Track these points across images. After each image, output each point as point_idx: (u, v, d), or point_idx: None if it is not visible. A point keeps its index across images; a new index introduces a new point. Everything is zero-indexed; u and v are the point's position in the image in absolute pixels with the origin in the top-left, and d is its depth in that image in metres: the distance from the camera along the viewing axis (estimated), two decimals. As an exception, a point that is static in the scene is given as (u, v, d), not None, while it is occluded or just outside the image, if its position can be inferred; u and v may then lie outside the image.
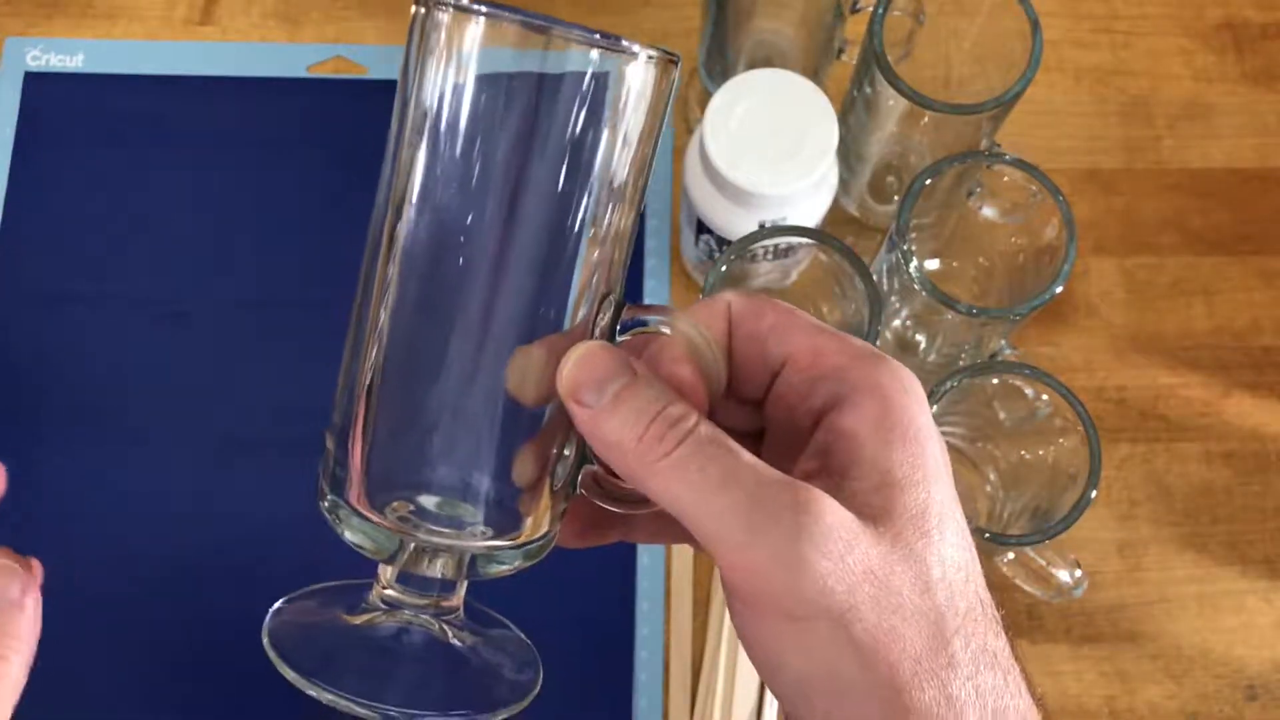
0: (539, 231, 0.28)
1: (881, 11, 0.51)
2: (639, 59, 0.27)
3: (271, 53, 0.65)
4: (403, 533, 0.29)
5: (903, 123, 0.54)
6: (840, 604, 0.26)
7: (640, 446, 0.28)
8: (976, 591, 0.28)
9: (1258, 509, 0.59)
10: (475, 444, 0.29)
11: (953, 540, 0.28)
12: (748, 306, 0.31)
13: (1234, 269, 0.63)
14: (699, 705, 0.55)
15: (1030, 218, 0.51)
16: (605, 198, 0.28)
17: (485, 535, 0.30)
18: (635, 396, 0.28)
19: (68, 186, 0.63)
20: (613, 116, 0.28)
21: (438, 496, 0.30)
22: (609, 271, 0.29)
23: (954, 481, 0.30)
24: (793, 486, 0.27)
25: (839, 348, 0.30)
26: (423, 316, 0.29)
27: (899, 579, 0.27)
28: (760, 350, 0.31)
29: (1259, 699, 0.56)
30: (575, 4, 0.66)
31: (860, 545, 0.26)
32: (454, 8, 0.27)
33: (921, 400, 0.29)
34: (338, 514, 0.30)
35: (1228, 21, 0.67)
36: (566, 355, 0.29)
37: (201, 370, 0.60)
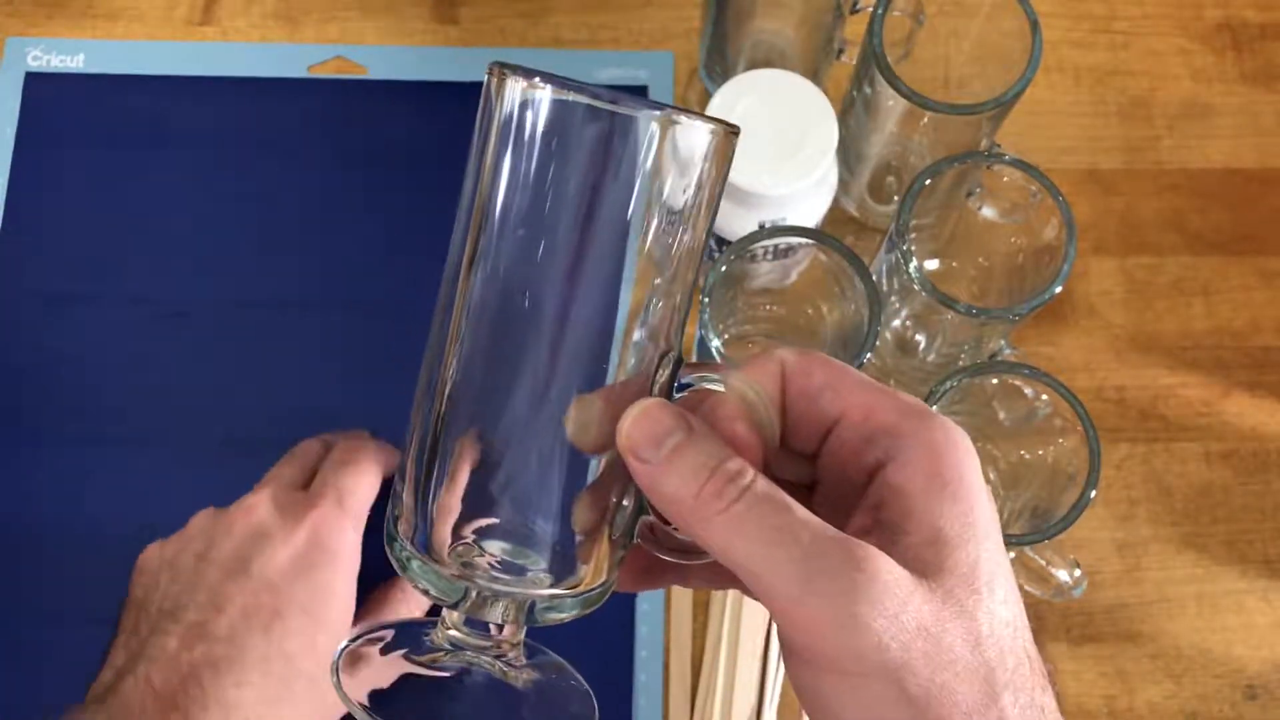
0: (599, 289, 0.29)
1: (881, 12, 0.51)
2: (701, 128, 0.29)
3: (271, 53, 0.66)
4: (466, 579, 0.30)
5: (902, 123, 0.54)
6: (895, 660, 0.27)
7: (697, 501, 0.28)
8: (1025, 647, 0.29)
9: (1257, 509, 0.59)
10: (537, 491, 0.31)
11: (1002, 597, 0.28)
12: (800, 364, 0.32)
13: (1233, 269, 0.63)
14: (699, 705, 0.55)
15: (1030, 218, 0.51)
16: (663, 259, 0.30)
17: (546, 582, 0.31)
18: (692, 452, 0.29)
19: (68, 186, 0.63)
20: (673, 183, 0.29)
21: (501, 542, 0.31)
22: (668, 330, 0.31)
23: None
24: (848, 543, 0.27)
25: (890, 405, 0.30)
26: (489, 367, 0.30)
27: (951, 635, 0.27)
28: (813, 407, 0.31)
29: (1258, 699, 0.57)
30: (575, 6, 0.66)
31: (914, 602, 0.27)
32: (525, 79, 0.28)
33: (971, 456, 0.30)
34: (405, 559, 0.31)
35: (1227, 22, 0.67)
36: (626, 412, 0.30)
37: (201, 370, 0.60)
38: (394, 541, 0.32)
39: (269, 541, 0.46)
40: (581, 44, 0.66)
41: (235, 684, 0.43)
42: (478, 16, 0.66)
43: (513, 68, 0.29)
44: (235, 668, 0.43)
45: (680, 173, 0.29)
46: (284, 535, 0.46)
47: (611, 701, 0.55)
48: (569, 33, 0.66)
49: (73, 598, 0.56)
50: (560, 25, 0.66)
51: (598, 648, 0.56)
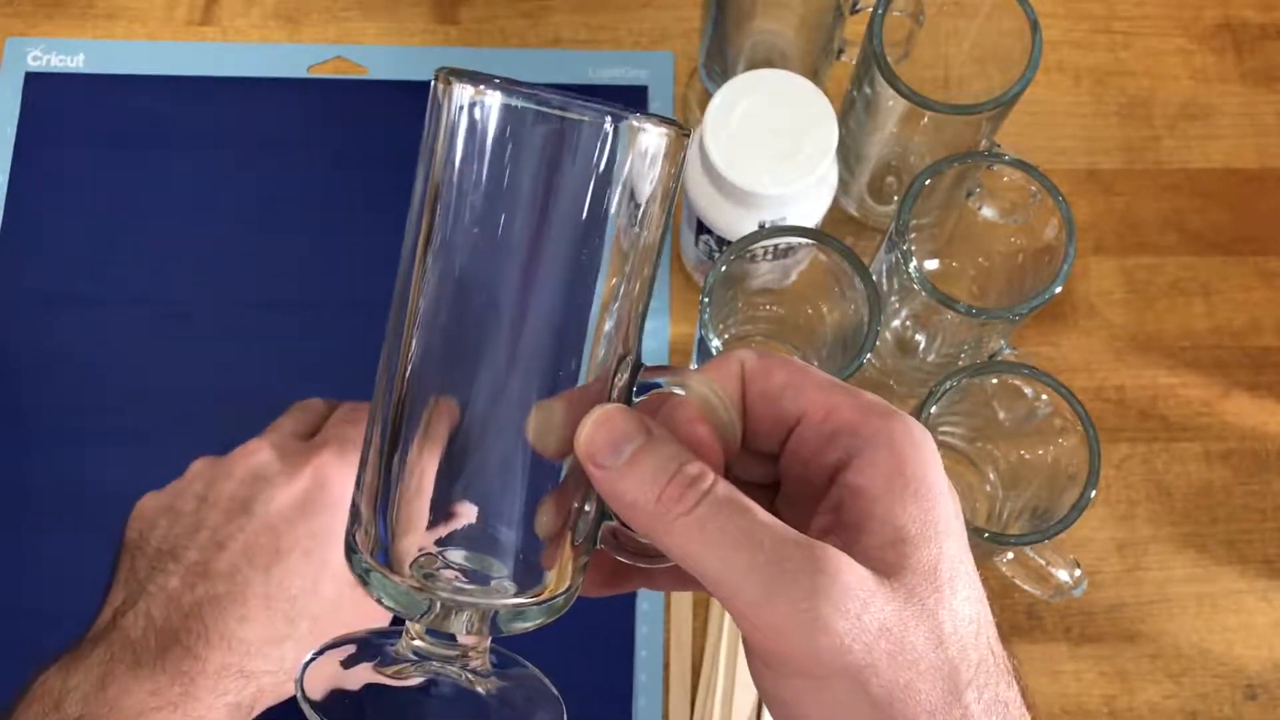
0: (554, 293, 0.29)
1: (881, 12, 0.51)
2: (652, 131, 0.28)
3: (272, 53, 0.66)
4: (428, 591, 0.30)
5: (902, 123, 0.54)
6: (858, 661, 0.27)
7: (658, 506, 0.28)
8: (989, 643, 0.29)
9: (1257, 509, 0.59)
10: (499, 498, 0.30)
11: (964, 594, 0.28)
12: (760, 365, 0.31)
13: (1233, 269, 0.63)
14: (699, 705, 0.55)
15: (1030, 218, 0.51)
16: (618, 262, 0.29)
17: (509, 591, 0.31)
18: (652, 456, 0.29)
19: (68, 186, 0.63)
20: (626, 185, 0.29)
21: (463, 551, 0.30)
22: (626, 333, 0.30)
23: (954, 484, 0.30)
24: (809, 545, 0.27)
25: (851, 404, 0.30)
26: (445, 376, 0.30)
27: (913, 634, 0.27)
28: (774, 407, 0.31)
29: (1258, 699, 0.57)
30: (575, 6, 0.66)
31: (876, 602, 0.27)
32: (472, 85, 0.28)
33: (933, 455, 0.30)
34: (364, 573, 0.31)
35: (1227, 22, 0.67)
36: (584, 419, 0.29)
37: (202, 370, 0.60)
38: (353, 554, 0.31)
39: (270, 484, 0.45)
40: (581, 44, 0.66)
41: (239, 619, 0.42)
42: (478, 17, 0.66)
43: (459, 73, 0.28)
44: (238, 604, 0.42)
45: (633, 176, 0.29)
46: (285, 479, 0.45)
47: (611, 701, 0.55)
48: (569, 33, 0.66)
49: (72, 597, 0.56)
50: (560, 25, 0.66)
51: (598, 648, 0.56)
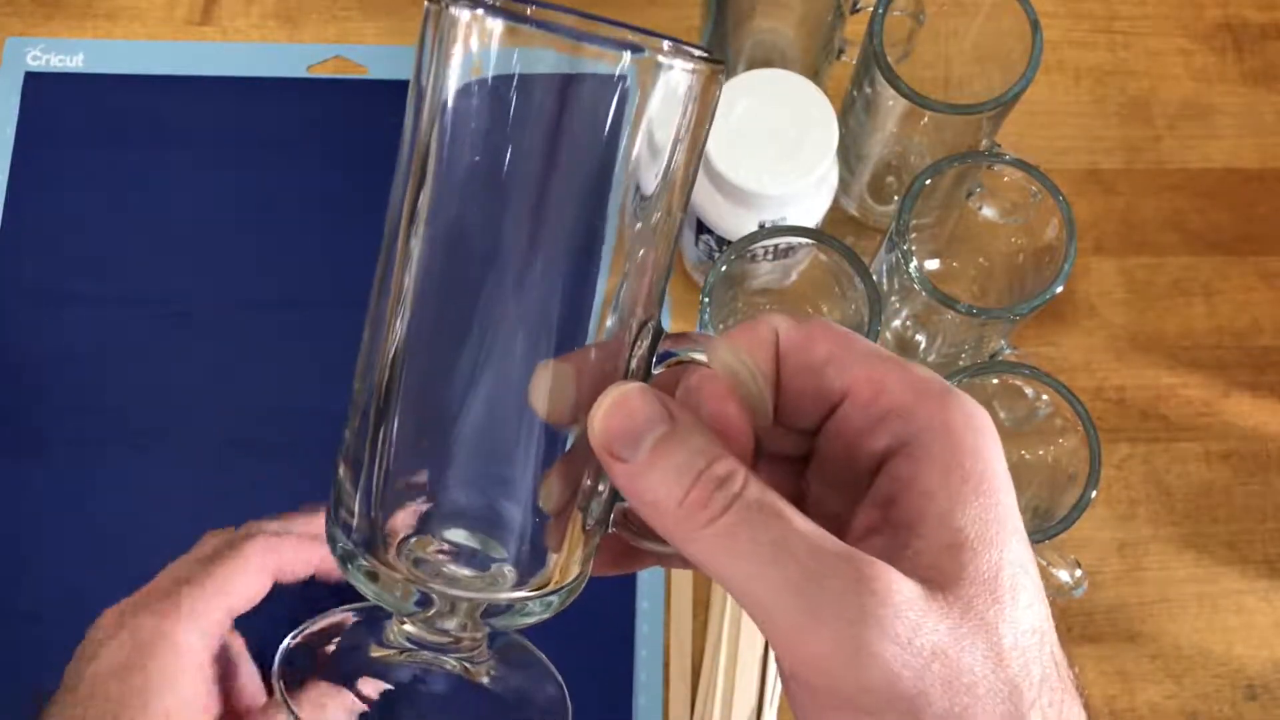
0: (558, 246, 0.26)
1: (881, 11, 0.51)
2: (678, 68, 0.25)
3: (271, 53, 0.65)
4: (419, 583, 0.27)
5: (903, 123, 0.54)
6: (909, 690, 0.24)
7: (682, 511, 0.25)
8: (1052, 654, 0.26)
9: (1258, 509, 0.59)
10: (507, 468, 0.27)
11: (1026, 601, 0.26)
12: (798, 333, 0.28)
13: (1234, 269, 0.63)
14: (699, 705, 0.55)
15: (1030, 218, 0.51)
16: (634, 216, 0.26)
17: (510, 579, 0.28)
18: (676, 450, 0.25)
19: (68, 186, 0.63)
20: (647, 130, 0.25)
21: (460, 529, 0.28)
22: (647, 295, 0.27)
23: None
24: (853, 559, 0.24)
25: (903, 382, 0.27)
26: (442, 334, 0.27)
27: (970, 655, 0.24)
28: (814, 383, 0.28)
29: (1259, 699, 0.56)
30: (576, 5, 0.66)
31: (929, 622, 0.24)
32: (471, 7, 0.25)
33: (994, 442, 0.27)
34: (351, 564, 0.28)
35: (1227, 22, 0.67)
36: (598, 400, 0.26)
37: (202, 370, 0.60)
38: (335, 543, 0.28)
39: (103, 645, 0.42)
40: (581, 44, 0.65)
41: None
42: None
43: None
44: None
45: (655, 120, 0.25)
46: (115, 637, 0.42)
47: (611, 701, 0.55)
48: (569, 32, 0.66)
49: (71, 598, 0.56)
50: (560, 25, 0.66)
51: (598, 647, 0.56)
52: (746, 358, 0.27)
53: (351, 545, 0.28)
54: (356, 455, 0.28)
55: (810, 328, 0.28)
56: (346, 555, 0.28)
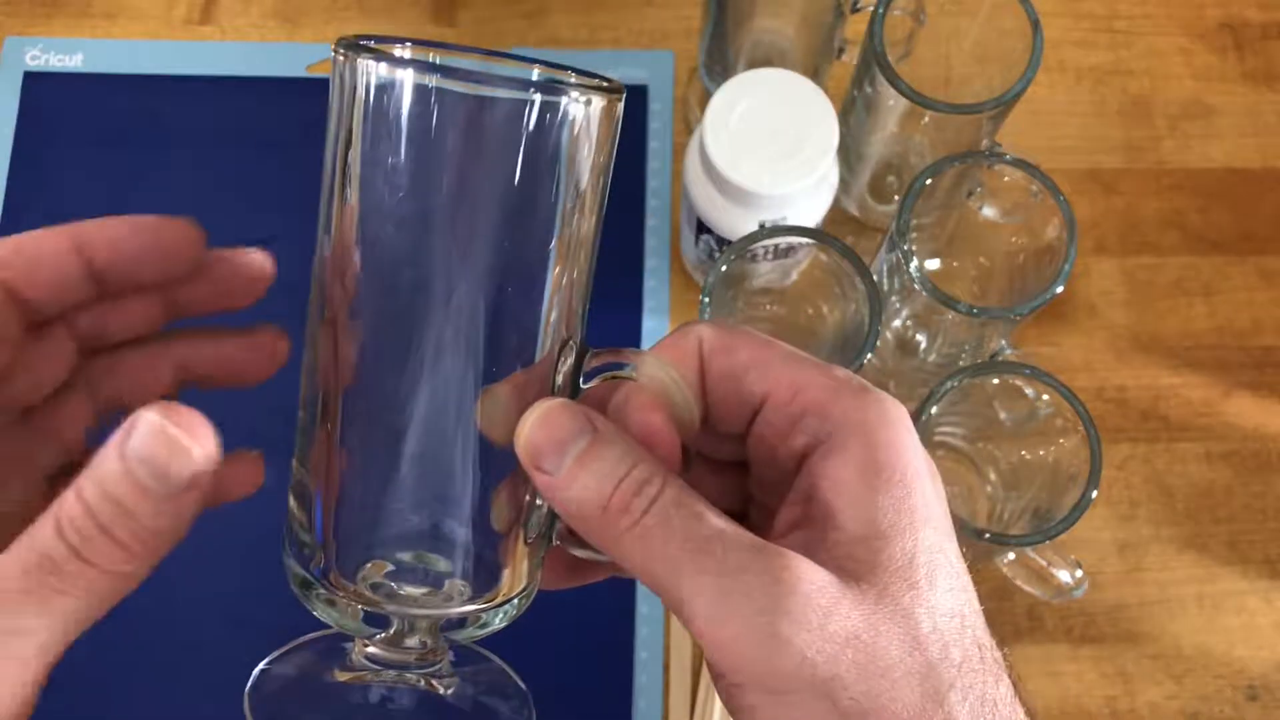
0: (487, 276, 0.27)
1: (881, 11, 0.51)
2: (579, 97, 0.26)
3: (271, 53, 0.65)
4: (376, 607, 0.28)
5: (903, 123, 0.54)
6: (823, 674, 0.25)
7: (605, 516, 0.26)
8: (974, 637, 0.27)
9: (1258, 509, 0.59)
10: (449, 488, 0.28)
11: (945, 586, 0.26)
12: (719, 341, 0.29)
13: (1235, 269, 0.63)
14: (699, 706, 0.55)
15: (1030, 218, 0.51)
16: (555, 244, 0.27)
17: (464, 595, 0.29)
18: (598, 459, 0.27)
19: (68, 186, 0.63)
20: (556, 159, 0.26)
21: (412, 551, 0.28)
22: (567, 316, 0.28)
23: (954, 484, 0.28)
24: (764, 553, 0.26)
25: (820, 381, 0.28)
26: (379, 367, 0.28)
27: (885, 639, 0.25)
28: (737, 387, 0.29)
29: (1259, 699, 0.56)
30: (574, 6, 0.66)
31: (841, 609, 0.25)
32: (381, 58, 0.26)
33: (909, 434, 0.28)
34: (310, 592, 0.29)
35: (1228, 21, 0.67)
36: (524, 417, 0.27)
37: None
38: (291, 572, 0.29)
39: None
40: (581, 44, 0.66)
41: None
42: (476, 18, 0.66)
43: (361, 46, 0.26)
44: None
45: (563, 149, 0.26)
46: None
47: (611, 701, 0.55)
48: (568, 32, 0.66)
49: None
50: (560, 25, 0.66)
51: (597, 648, 0.56)
52: (671, 369, 0.29)
53: (307, 574, 0.29)
54: (304, 486, 0.29)
55: (732, 335, 0.29)
56: (303, 584, 0.29)
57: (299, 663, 0.30)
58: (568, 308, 0.28)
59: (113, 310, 0.31)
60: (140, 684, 0.55)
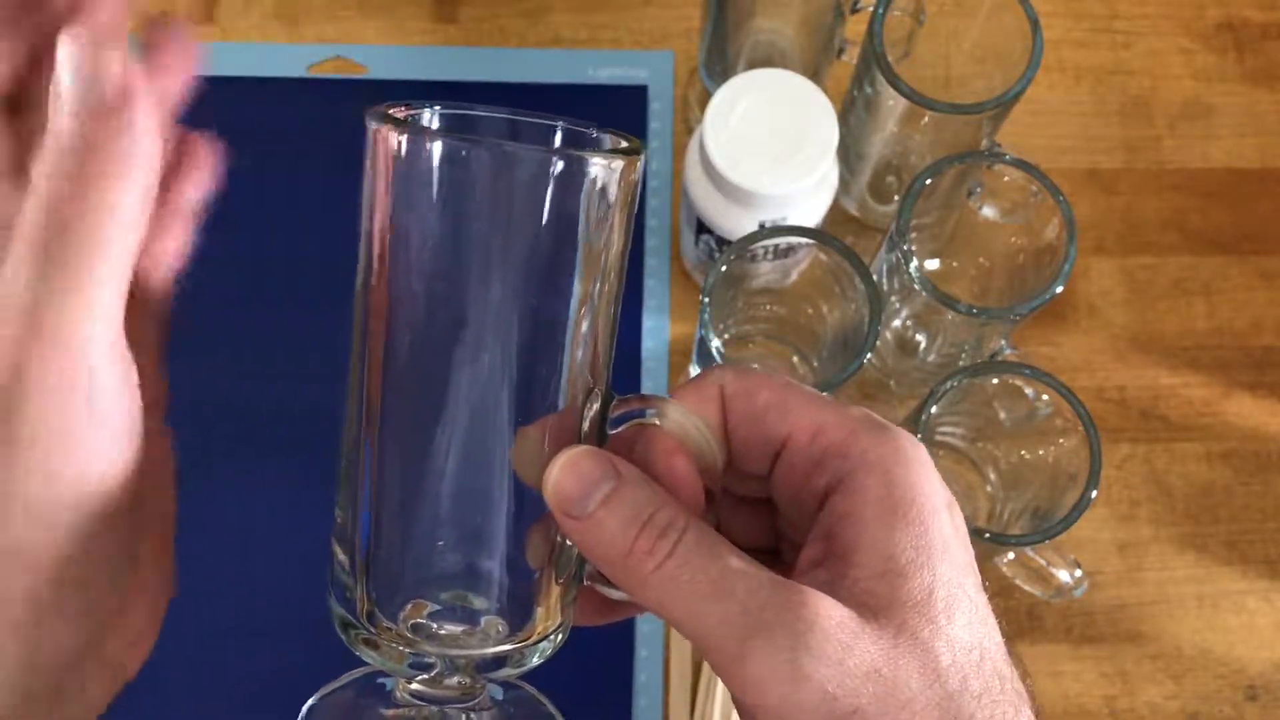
0: (518, 325, 0.28)
1: (881, 11, 0.51)
2: (597, 163, 0.27)
3: (271, 53, 0.65)
4: (418, 648, 0.29)
5: (903, 123, 0.54)
6: (844, 708, 0.25)
7: (631, 560, 0.27)
8: (994, 669, 0.27)
9: (1258, 509, 0.59)
10: (485, 528, 0.29)
11: (964, 619, 0.27)
12: (740, 385, 0.30)
13: (1234, 269, 0.63)
14: (699, 705, 0.55)
15: (1030, 218, 0.51)
16: (581, 290, 0.28)
17: (500, 635, 0.30)
18: (621, 505, 0.28)
19: (67, 186, 0.63)
20: (582, 215, 0.28)
21: (451, 590, 0.30)
22: (593, 364, 0.29)
23: (954, 484, 0.28)
24: (785, 590, 0.26)
25: (838, 422, 0.29)
26: (419, 410, 0.29)
27: (905, 672, 0.26)
28: (759, 430, 0.30)
29: (1259, 699, 0.56)
30: (575, 5, 0.66)
31: (860, 644, 0.26)
32: (401, 132, 0.28)
33: (926, 471, 0.28)
34: (353, 634, 0.30)
35: (1228, 21, 0.67)
36: (551, 463, 0.28)
37: (201, 370, 0.60)
38: (336, 616, 0.30)
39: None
40: (581, 43, 0.66)
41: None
42: (477, 16, 0.66)
43: (391, 118, 0.28)
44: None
45: (587, 207, 0.28)
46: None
47: (611, 701, 0.55)
48: (569, 32, 0.66)
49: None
50: (560, 24, 0.66)
51: (598, 648, 0.56)
52: (694, 414, 0.30)
53: (350, 616, 0.30)
54: (346, 530, 0.30)
55: (752, 379, 0.30)
56: (346, 625, 0.30)
57: (345, 699, 0.31)
58: (593, 356, 0.29)
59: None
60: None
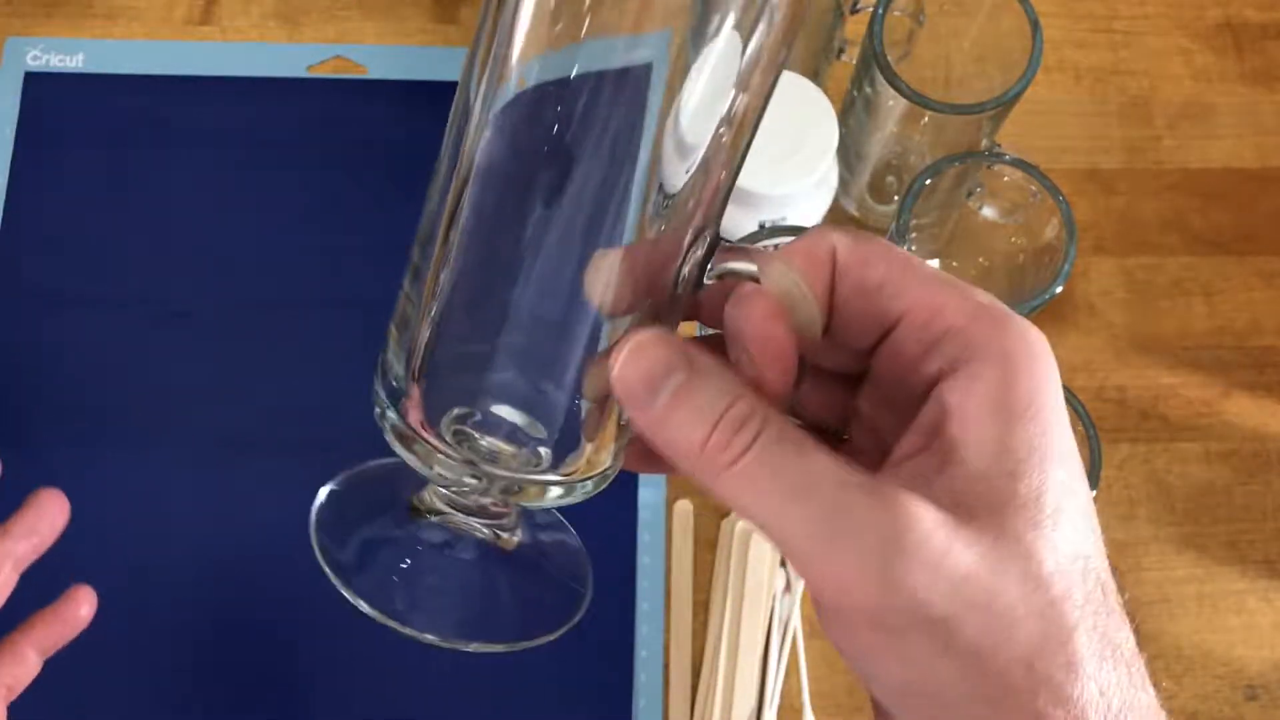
0: (620, 146, 0.25)
1: (881, 11, 0.51)
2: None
3: (271, 53, 0.65)
4: (459, 457, 0.28)
5: (903, 123, 0.54)
6: (938, 613, 0.24)
7: (704, 455, 0.25)
8: (1099, 579, 0.25)
9: (1258, 509, 0.59)
10: (547, 348, 0.27)
11: (1070, 525, 0.25)
12: (856, 253, 0.27)
13: (1234, 269, 0.63)
14: (699, 705, 0.55)
15: (1030, 218, 0.51)
16: (702, 124, 0.26)
17: (545, 462, 0.28)
18: (695, 395, 0.25)
19: (68, 186, 0.63)
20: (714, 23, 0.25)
21: (501, 405, 0.28)
22: (708, 204, 0.27)
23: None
24: (877, 491, 0.25)
25: (960, 305, 0.27)
26: (501, 207, 0.27)
27: (1005, 579, 0.24)
28: (869, 305, 0.27)
29: (1259, 699, 0.56)
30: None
31: (956, 548, 0.24)
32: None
33: (1050, 369, 0.26)
34: (389, 424, 0.29)
35: (1228, 21, 0.67)
36: (617, 347, 0.26)
37: (201, 370, 0.60)
38: (378, 399, 0.29)
39: None
40: (581, 44, 0.65)
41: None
42: (477, 16, 0.66)
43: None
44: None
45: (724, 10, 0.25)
46: None
47: (611, 701, 0.55)
48: (569, 32, 0.66)
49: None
50: (560, 25, 0.66)
51: (598, 647, 0.56)
52: (800, 278, 0.27)
53: (392, 407, 0.28)
54: (408, 318, 0.28)
55: (869, 247, 0.27)
56: (386, 415, 0.29)
57: (367, 491, 0.30)
58: (710, 195, 0.27)
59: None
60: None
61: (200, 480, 0.58)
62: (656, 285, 0.27)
